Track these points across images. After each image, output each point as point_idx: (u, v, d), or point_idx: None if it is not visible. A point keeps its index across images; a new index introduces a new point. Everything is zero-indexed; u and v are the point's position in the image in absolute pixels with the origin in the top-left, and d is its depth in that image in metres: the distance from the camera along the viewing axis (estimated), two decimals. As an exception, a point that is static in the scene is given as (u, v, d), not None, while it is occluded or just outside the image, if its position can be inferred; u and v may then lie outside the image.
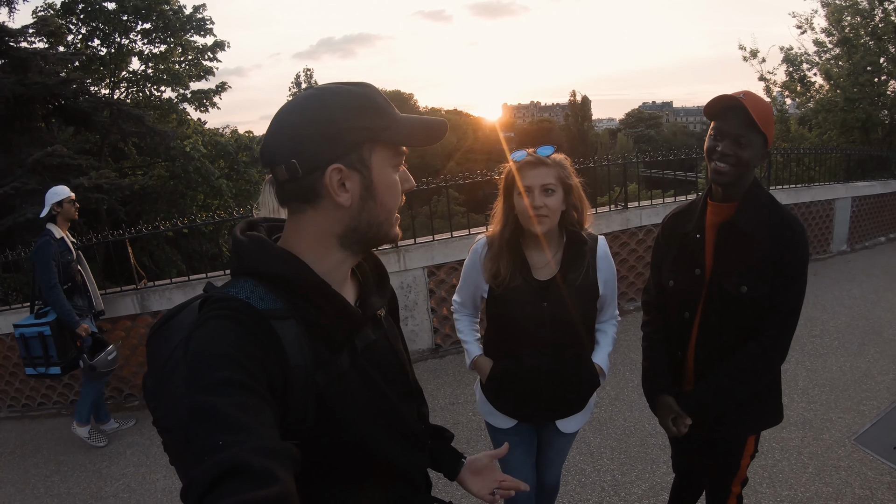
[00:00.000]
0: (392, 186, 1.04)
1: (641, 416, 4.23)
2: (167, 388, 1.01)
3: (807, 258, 1.91)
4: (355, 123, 0.97)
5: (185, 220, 6.02)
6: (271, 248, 1.01)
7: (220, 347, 0.88)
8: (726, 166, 1.87)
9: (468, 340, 2.40)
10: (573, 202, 2.12)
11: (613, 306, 2.33)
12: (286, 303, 0.98)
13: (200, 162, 18.13)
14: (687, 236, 2.10)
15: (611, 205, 6.92)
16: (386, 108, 1.01)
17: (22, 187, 12.21)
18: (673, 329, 2.20)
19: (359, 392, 1.06)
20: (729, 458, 2.21)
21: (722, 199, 1.98)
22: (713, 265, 2.00)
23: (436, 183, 5.97)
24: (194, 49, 21.05)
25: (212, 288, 1.04)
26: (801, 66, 16.74)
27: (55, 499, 4.17)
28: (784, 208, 1.94)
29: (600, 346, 2.31)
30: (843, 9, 15.09)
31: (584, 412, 2.34)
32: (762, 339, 1.93)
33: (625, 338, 5.74)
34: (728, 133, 1.86)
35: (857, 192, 9.20)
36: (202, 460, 0.74)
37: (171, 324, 1.09)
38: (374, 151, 1.00)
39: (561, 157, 2.11)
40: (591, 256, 2.17)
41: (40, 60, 13.70)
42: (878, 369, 4.78)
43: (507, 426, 2.33)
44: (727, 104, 1.86)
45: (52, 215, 4.69)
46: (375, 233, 1.05)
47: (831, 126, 15.79)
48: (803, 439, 3.77)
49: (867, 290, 6.97)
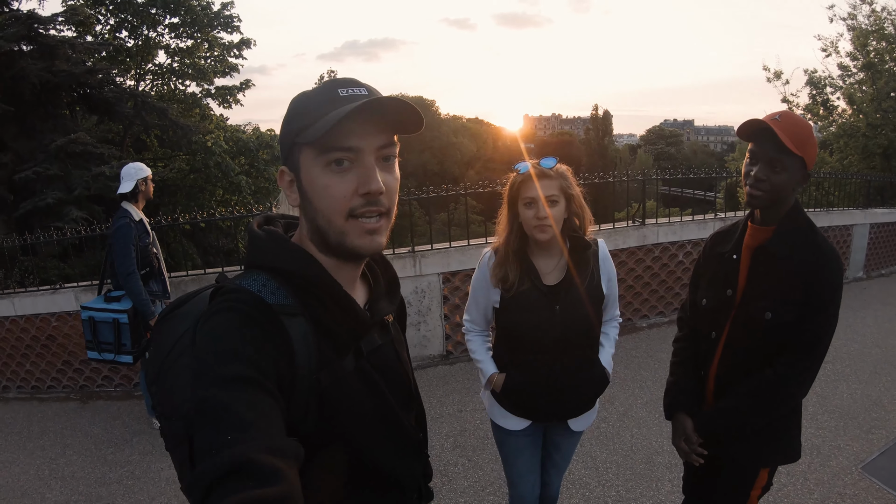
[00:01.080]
0: (320, 188, 0.97)
1: (649, 434, 4.20)
2: (170, 374, 1.01)
3: (839, 289, 1.86)
4: (286, 128, 1.01)
5: (204, 215, 6.08)
6: (286, 244, 1.02)
7: (228, 341, 0.88)
8: (760, 192, 1.84)
9: (482, 359, 2.41)
10: (575, 210, 2.20)
11: (615, 306, 2.41)
12: (296, 300, 0.99)
13: (221, 157, 18.23)
14: (724, 257, 2.08)
15: (628, 220, 6.91)
16: (311, 110, 0.97)
17: (43, 172, 12.38)
18: (700, 348, 2.19)
19: (360, 395, 1.06)
20: (739, 488, 2.15)
21: (761, 222, 1.97)
22: (745, 288, 1.98)
23: (455, 190, 5.99)
24: (220, 45, 21.20)
25: (224, 278, 1.05)
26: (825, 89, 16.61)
27: (59, 482, 4.21)
28: (821, 236, 1.90)
29: (604, 347, 2.37)
30: (869, 33, 14.98)
31: (592, 410, 2.42)
32: (779, 366, 1.88)
33: (636, 355, 5.73)
34: (761, 157, 1.83)
35: (876, 219, 9.11)
36: (209, 455, 0.74)
37: (180, 311, 1.09)
38: (302, 153, 0.99)
39: (563, 168, 2.20)
40: (594, 259, 2.26)
41: (68, 49, 13.88)
42: (888, 398, 4.73)
43: (519, 428, 2.36)
44: (758, 127, 1.81)
45: (135, 192, 4.43)
46: (326, 237, 1.01)
47: (852, 151, 15.65)
48: (810, 465, 3.72)
49: (882, 318, 6.89)
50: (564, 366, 2.20)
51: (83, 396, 5.83)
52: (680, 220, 6.98)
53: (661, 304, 6.89)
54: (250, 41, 21.58)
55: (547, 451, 2.50)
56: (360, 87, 0.99)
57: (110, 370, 5.81)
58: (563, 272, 2.21)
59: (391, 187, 1.01)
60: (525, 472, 2.45)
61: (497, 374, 2.34)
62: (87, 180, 12.87)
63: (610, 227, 6.47)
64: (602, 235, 6.15)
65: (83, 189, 12.81)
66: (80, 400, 5.75)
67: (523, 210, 2.15)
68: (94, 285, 5.68)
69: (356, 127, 0.95)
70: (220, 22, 20.44)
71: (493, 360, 2.40)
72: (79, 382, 5.97)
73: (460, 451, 4.11)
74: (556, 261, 2.24)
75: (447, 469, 3.88)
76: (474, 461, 3.97)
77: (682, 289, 6.88)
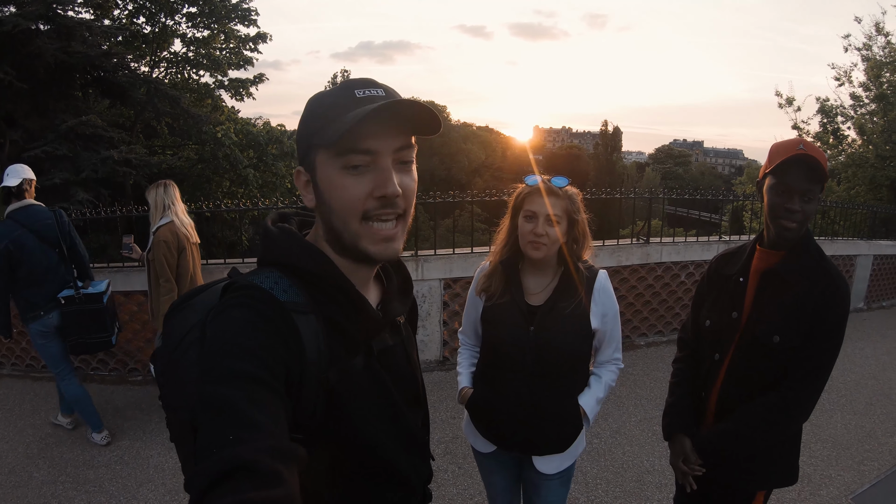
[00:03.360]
0: (336, 189, 0.97)
1: (641, 452, 4.20)
2: (178, 366, 0.99)
3: (845, 316, 1.86)
4: (303, 128, 1.02)
5: (210, 205, 6.07)
6: (300, 242, 1.02)
7: (239, 337, 0.88)
8: (795, 224, 1.84)
9: (461, 372, 2.39)
10: (575, 235, 2.12)
11: (613, 348, 2.25)
12: (308, 298, 0.98)
13: (230, 149, 18.23)
14: (730, 279, 2.08)
15: (632, 238, 6.91)
16: (328, 111, 0.97)
17: (52, 152, 12.40)
18: (701, 369, 2.17)
19: (368, 394, 1.06)
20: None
21: (770, 245, 1.97)
22: (751, 311, 1.98)
23: (461, 197, 6.00)
24: (237, 38, 21.23)
25: (237, 274, 1.04)
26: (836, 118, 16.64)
27: (47, 461, 4.20)
28: (832, 263, 1.91)
29: (590, 388, 2.21)
30: (883, 65, 14.99)
31: (565, 455, 2.20)
32: (782, 390, 1.88)
33: (632, 372, 5.72)
34: (797, 189, 1.81)
35: (880, 251, 9.11)
36: (211, 453, 0.74)
37: (191, 303, 1.07)
38: (318, 153, 0.99)
39: (573, 190, 2.13)
40: (588, 288, 2.13)
41: (85, 31, 13.89)
42: (882, 430, 4.72)
43: (486, 450, 2.30)
44: (796, 158, 1.78)
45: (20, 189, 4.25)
46: (339, 237, 1.01)
47: (860, 181, 15.65)
48: (800, 493, 3.72)
49: (880, 350, 6.87)
50: (535, 394, 2.09)
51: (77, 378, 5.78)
52: (684, 240, 7.00)
53: (661, 323, 6.88)
54: (266, 35, 21.61)
55: (527, 494, 2.37)
56: (378, 88, 0.98)
57: (105, 354, 5.78)
58: (549, 295, 2.13)
59: (408, 189, 1.01)
60: (497, 494, 2.41)
61: (467, 388, 2.30)
62: (96, 163, 12.87)
63: (614, 243, 6.47)
64: (606, 252, 6.17)
65: (91, 172, 12.81)
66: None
67: (522, 223, 2.08)
68: (96, 268, 5.68)
69: (373, 129, 0.94)
70: (237, 14, 20.46)
71: (471, 375, 2.35)
72: (73, 364, 5.93)
73: (451, 458, 4.11)
74: (546, 282, 2.16)
75: (437, 475, 3.87)
76: (464, 469, 3.96)
77: (682, 309, 6.88)
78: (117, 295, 5.41)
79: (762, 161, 2.03)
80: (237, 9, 20.36)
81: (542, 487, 2.25)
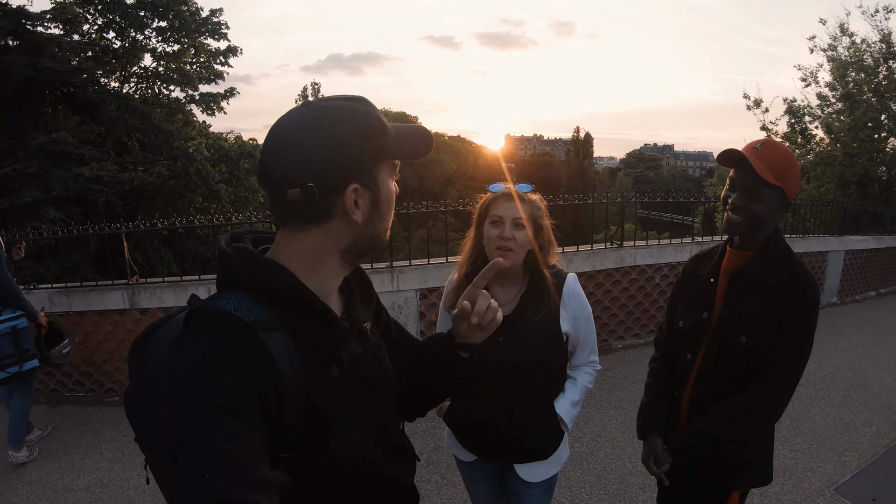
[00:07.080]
0: (392, 198, 1.10)
1: (623, 454, 4.22)
2: (151, 404, 0.96)
3: (814, 316, 1.86)
4: (367, 144, 1.00)
5: (183, 221, 6.00)
6: (259, 260, 1.00)
7: (208, 369, 0.86)
8: (738, 217, 1.86)
9: None
10: (541, 242, 2.10)
11: (588, 351, 2.24)
12: (274, 315, 0.97)
13: (202, 164, 18.09)
14: (702, 279, 2.10)
15: (606, 242, 6.96)
16: (385, 125, 1.04)
17: (23, 170, 12.25)
18: (676, 369, 2.19)
19: (349, 403, 1.05)
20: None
21: (739, 246, 1.98)
22: (721, 311, 2.00)
23: (435, 207, 5.98)
24: (207, 52, 21.20)
25: (197, 300, 1.00)
26: (804, 118, 16.90)
27: (25, 486, 4.12)
28: (800, 263, 1.91)
29: (565, 393, 2.18)
30: (849, 65, 15.27)
31: (549, 462, 2.19)
32: (751, 390, 1.89)
33: (611, 375, 5.75)
34: (740, 185, 1.84)
35: (851, 246, 9.28)
36: (189, 493, 0.74)
37: (154, 337, 1.05)
38: (381, 168, 1.03)
39: (537, 197, 2.14)
40: (557, 294, 2.11)
41: (54, 46, 13.79)
42: (861, 421, 4.80)
43: (468, 460, 2.29)
44: (737, 157, 1.82)
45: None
46: (376, 244, 1.09)
47: (829, 179, 15.91)
48: (783, 486, 3.76)
49: (854, 342, 6.99)
50: (511, 404, 2.07)
51: (52, 400, 5.70)
52: (658, 243, 7.05)
53: (637, 325, 6.94)
54: (237, 49, 21.64)
55: (510, 502, 2.34)
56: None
57: (81, 375, 5.70)
58: (517, 304, 2.10)
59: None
60: (480, 503, 2.40)
61: (445, 401, 2.28)
62: (67, 181, 12.71)
63: (588, 248, 6.50)
64: (580, 257, 6.21)
65: (62, 189, 12.65)
66: (50, 404, 5.63)
67: (489, 228, 2.05)
68: (70, 287, 5.61)
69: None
70: (207, 28, 20.45)
71: None
72: (49, 386, 5.84)
73: (434, 468, 4.09)
74: (514, 292, 2.13)
75: (420, 485, 3.83)
76: (447, 478, 3.95)
77: (657, 311, 6.95)
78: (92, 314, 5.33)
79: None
80: (207, 23, 20.33)
81: (525, 496, 2.23)
